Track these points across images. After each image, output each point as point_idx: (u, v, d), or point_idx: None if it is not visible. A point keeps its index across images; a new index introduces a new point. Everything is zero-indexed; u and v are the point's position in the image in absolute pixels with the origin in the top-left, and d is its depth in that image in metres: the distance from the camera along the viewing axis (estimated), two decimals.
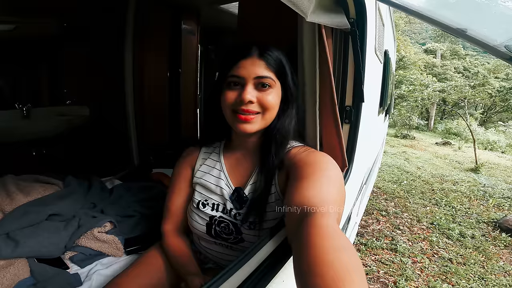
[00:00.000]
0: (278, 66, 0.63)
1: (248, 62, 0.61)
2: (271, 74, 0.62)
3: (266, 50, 0.63)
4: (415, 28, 19.11)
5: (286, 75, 0.65)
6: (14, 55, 1.64)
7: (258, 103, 0.62)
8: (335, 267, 0.33)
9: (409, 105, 10.04)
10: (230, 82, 0.63)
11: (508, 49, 0.48)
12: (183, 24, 1.91)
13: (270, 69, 0.62)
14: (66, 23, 1.67)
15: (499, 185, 4.14)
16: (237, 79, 0.62)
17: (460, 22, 0.51)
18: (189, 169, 0.77)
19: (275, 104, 0.64)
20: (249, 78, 0.61)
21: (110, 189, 1.30)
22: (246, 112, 0.61)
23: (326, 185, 0.52)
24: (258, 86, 0.62)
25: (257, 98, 0.61)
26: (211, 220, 0.70)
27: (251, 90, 0.61)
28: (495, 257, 2.28)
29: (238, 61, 0.62)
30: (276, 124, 0.66)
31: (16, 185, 1.06)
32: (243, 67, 0.61)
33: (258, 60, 0.62)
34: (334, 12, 0.70)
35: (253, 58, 0.62)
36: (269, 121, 0.65)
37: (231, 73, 0.62)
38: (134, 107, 1.83)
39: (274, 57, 0.63)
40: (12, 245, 0.81)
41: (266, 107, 0.62)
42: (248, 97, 0.60)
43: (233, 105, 0.62)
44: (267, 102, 0.62)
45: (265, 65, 0.62)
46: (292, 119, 0.68)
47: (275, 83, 0.63)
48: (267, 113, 0.63)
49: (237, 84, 0.62)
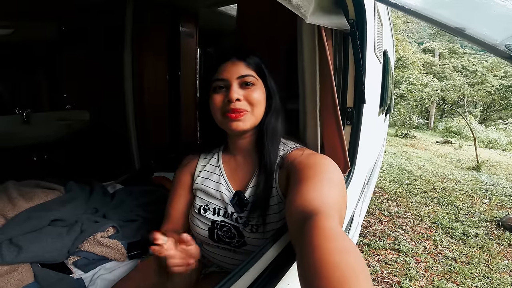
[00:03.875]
0: (257, 66, 0.67)
1: (229, 65, 0.65)
2: (252, 72, 0.66)
3: (244, 53, 0.67)
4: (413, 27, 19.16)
5: (265, 75, 0.68)
6: (13, 60, 1.65)
7: (246, 101, 0.64)
8: (340, 268, 0.33)
9: (409, 104, 10.05)
10: (215, 87, 0.66)
11: (508, 48, 0.48)
12: (182, 26, 1.92)
13: (250, 68, 0.66)
14: (65, 27, 1.67)
15: (501, 183, 4.13)
16: (222, 82, 0.65)
17: (458, 21, 0.51)
18: (189, 176, 0.77)
19: (261, 99, 0.66)
20: (232, 79, 0.64)
21: (112, 194, 1.30)
22: (235, 111, 0.63)
23: (327, 187, 0.52)
24: (242, 85, 0.65)
25: (244, 96, 0.64)
26: (213, 224, 0.70)
27: (237, 89, 0.64)
28: (499, 255, 2.27)
29: (219, 65, 0.66)
30: (265, 120, 0.68)
31: (18, 191, 1.06)
32: (225, 70, 0.65)
33: (238, 61, 0.66)
34: (333, 13, 0.70)
35: (233, 60, 0.66)
36: (259, 117, 0.67)
37: (215, 77, 0.65)
38: (134, 110, 1.83)
39: (252, 58, 0.67)
40: (15, 251, 0.81)
41: (253, 103, 0.65)
42: (235, 96, 0.62)
43: (222, 107, 0.65)
44: (253, 98, 0.64)
45: (245, 65, 0.65)
46: (279, 115, 0.70)
47: (258, 81, 0.67)
48: (255, 109, 0.65)
49: (222, 87, 0.65)
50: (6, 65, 1.63)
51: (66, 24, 1.67)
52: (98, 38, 1.74)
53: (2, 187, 1.08)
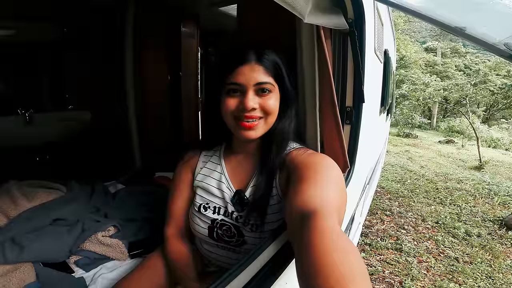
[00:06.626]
0: (275, 69, 0.64)
1: (247, 68, 0.61)
2: (270, 79, 0.62)
3: (263, 54, 0.62)
4: (415, 26, 19.05)
5: (283, 78, 0.65)
6: (15, 61, 1.66)
7: (260, 109, 0.62)
8: (338, 268, 0.33)
9: (411, 104, 10.01)
10: (230, 90, 0.62)
11: (508, 47, 0.48)
12: (183, 27, 1.92)
13: (268, 74, 0.62)
14: (66, 28, 1.69)
15: (504, 183, 4.10)
16: (237, 86, 0.61)
17: (459, 21, 0.51)
18: (190, 172, 0.77)
19: (276, 108, 0.65)
20: (249, 85, 0.61)
21: (113, 194, 1.31)
22: (249, 119, 0.62)
23: (326, 186, 0.52)
24: (258, 92, 0.62)
25: (259, 104, 0.62)
26: (212, 223, 0.70)
27: (253, 97, 0.61)
28: (502, 255, 2.26)
29: (236, 67, 0.61)
30: (277, 126, 0.66)
31: (20, 191, 1.07)
32: (242, 73, 0.61)
33: (257, 66, 0.61)
34: (332, 13, 0.70)
35: (251, 64, 0.61)
36: (271, 125, 0.66)
37: (231, 81, 0.62)
38: (135, 111, 1.84)
39: (271, 61, 0.63)
40: (17, 250, 0.82)
41: (268, 112, 0.63)
42: (251, 104, 0.60)
43: (234, 112, 0.62)
44: (269, 107, 0.62)
45: (263, 70, 0.62)
46: (292, 120, 0.69)
47: (275, 87, 0.64)
48: (269, 117, 0.64)
49: (237, 91, 0.62)
50: (8, 65, 1.64)
51: (68, 24, 1.69)
52: (99, 39, 1.75)
53: (5, 187, 1.09)
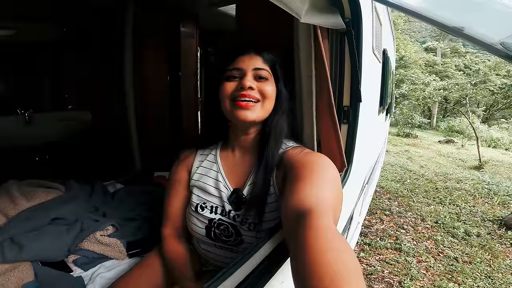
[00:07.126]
0: (272, 63, 0.69)
1: (246, 57, 0.67)
2: (267, 67, 0.67)
3: (261, 49, 0.69)
4: (415, 26, 19.01)
5: (278, 75, 0.69)
6: (15, 61, 1.67)
7: (258, 91, 0.65)
8: (332, 268, 0.33)
9: (411, 103, 10.00)
10: (229, 76, 0.67)
11: (504, 46, 0.48)
12: (182, 27, 1.93)
13: (266, 63, 0.67)
14: (66, 28, 1.69)
15: (503, 183, 4.09)
16: (236, 72, 0.66)
17: (457, 21, 0.51)
18: (186, 172, 0.77)
19: (273, 94, 0.68)
20: (247, 69, 0.65)
21: (112, 193, 1.31)
22: (246, 97, 0.64)
23: (322, 185, 0.52)
24: (256, 77, 0.66)
25: (257, 86, 0.65)
26: (210, 222, 0.70)
27: (251, 78, 0.65)
28: (501, 255, 2.26)
29: (236, 57, 0.67)
30: (273, 119, 0.68)
31: (20, 190, 1.07)
32: (242, 61, 0.67)
33: (255, 56, 0.67)
34: (328, 12, 0.70)
35: (251, 54, 0.67)
36: (267, 112, 0.67)
37: (230, 67, 0.66)
38: (135, 111, 1.84)
39: (269, 56, 0.69)
40: (16, 249, 0.82)
41: (265, 95, 0.66)
42: (248, 83, 0.64)
43: (232, 94, 0.65)
44: (266, 91, 0.66)
45: (261, 60, 0.67)
46: (288, 116, 0.71)
47: (271, 77, 0.68)
48: (266, 102, 0.66)
49: (236, 77, 0.66)
50: (8, 65, 1.64)
51: (68, 25, 1.69)
52: (99, 39, 1.75)
53: (4, 187, 1.09)
